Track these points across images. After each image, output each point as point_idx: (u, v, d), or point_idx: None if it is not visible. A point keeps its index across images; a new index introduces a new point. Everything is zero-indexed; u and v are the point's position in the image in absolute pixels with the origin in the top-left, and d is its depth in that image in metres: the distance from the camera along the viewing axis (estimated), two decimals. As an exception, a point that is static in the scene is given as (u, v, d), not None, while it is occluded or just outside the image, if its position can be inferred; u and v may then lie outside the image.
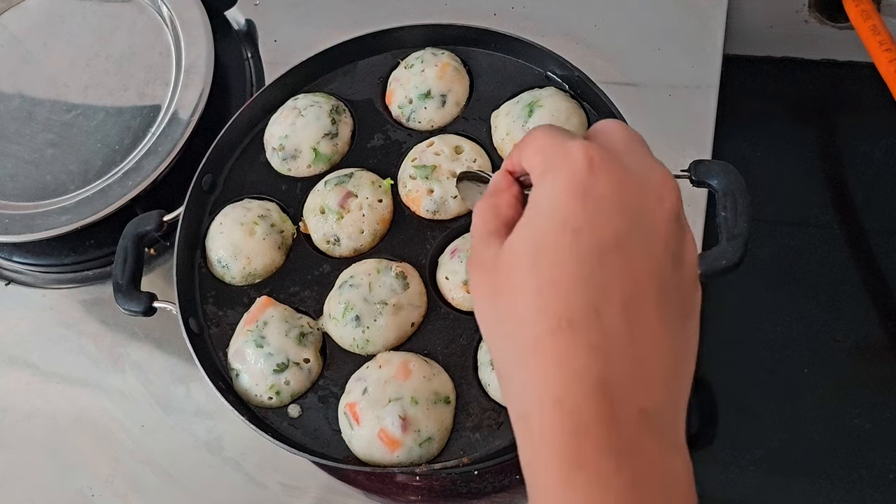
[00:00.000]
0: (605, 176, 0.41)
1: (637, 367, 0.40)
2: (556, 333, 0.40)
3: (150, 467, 0.78)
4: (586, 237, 0.41)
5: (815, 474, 0.72)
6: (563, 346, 0.40)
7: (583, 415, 0.39)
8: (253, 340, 0.69)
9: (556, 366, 0.40)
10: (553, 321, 0.40)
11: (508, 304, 0.42)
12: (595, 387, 0.39)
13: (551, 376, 0.40)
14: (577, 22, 0.88)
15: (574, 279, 0.40)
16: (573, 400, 0.39)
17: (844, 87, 0.88)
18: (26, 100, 0.95)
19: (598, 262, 0.40)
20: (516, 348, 0.42)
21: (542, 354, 0.40)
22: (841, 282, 0.79)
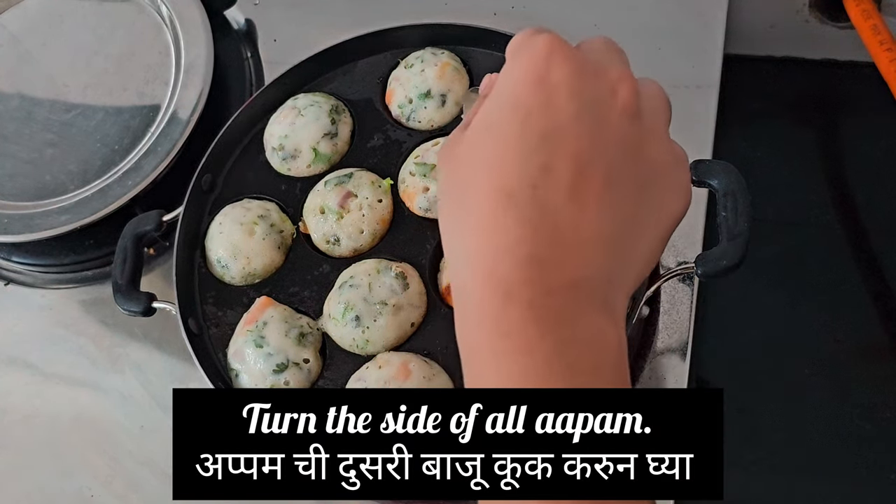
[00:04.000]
0: (561, 64, 0.43)
1: (571, 241, 0.42)
2: (495, 206, 0.42)
3: (150, 468, 0.78)
4: (535, 119, 0.42)
5: (815, 474, 0.72)
6: (500, 218, 0.42)
7: (512, 284, 0.41)
8: (252, 340, 0.69)
9: (492, 237, 0.42)
10: (492, 194, 0.42)
11: (459, 179, 0.44)
12: (526, 257, 0.41)
13: (486, 247, 0.42)
14: (577, 22, 0.88)
15: (517, 155, 0.42)
16: (504, 270, 0.41)
17: (844, 87, 0.88)
18: (25, 99, 0.95)
19: (543, 143, 0.42)
20: (459, 221, 0.44)
21: (480, 226, 0.42)
22: (841, 282, 0.79)
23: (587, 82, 0.43)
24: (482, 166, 0.43)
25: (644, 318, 0.73)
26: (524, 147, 0.42)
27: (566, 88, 0.43)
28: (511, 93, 0.43)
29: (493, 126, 0.43)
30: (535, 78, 0.43)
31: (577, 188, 0.42)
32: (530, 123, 0.42)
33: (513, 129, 0.43)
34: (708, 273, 0.65)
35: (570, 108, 0.42)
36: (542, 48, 0.43)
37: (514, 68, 0.44)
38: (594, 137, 0.43)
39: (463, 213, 0.44)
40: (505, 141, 0.43)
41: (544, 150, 0.42)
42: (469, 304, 0.43)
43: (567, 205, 0.42)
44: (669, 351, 0.72)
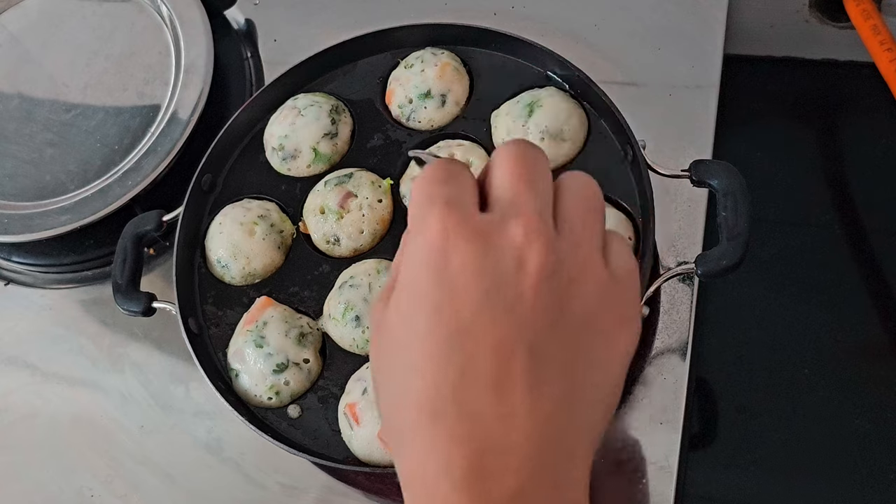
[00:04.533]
0: (460, 247, 0.39)
1: (507, 446, 0.38)
2: (422, 426, 0.39)
3: (150, 468, 0.78)
4: (446, 316, 0.39)
5: (815, 474, 0.72)
6: (430, 438, 0.39)
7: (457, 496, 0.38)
8: (252, 341, 0.69)
9: (426, 457, 0.39)
10: (416, 413, 0.39)
11: (387, 374, 0.42)
12: (462, 478, 0.38)
13: (423, 468, 0.39)
14: (577, 21, 0.88)
15: (434, 364, 0.39)
16: (444, 493, 0.38)
17: (844, 87, 0.88)
18: (25, 99, 0.95)
19: (457, 342, 0.38)
20: (396, 423, 0.41)
21: (414, 444, 0.39)
22: (841, 282, 0.78)
23: (489, 259, 0.39)
24: (403, 375, 0.40)
25: (644, 318, 0.73)
26: (440, 354, 0.38)
27: (468, 274, 0.38)
28: (415, 281, 0.40)
29: (407, 322, 0.40)
30: (434, 268, 0.39)
31: (502, 384, 0.38)
32: (440, 321, 0.38)
33: (426, 332, 0.39)
34: (708, 273, 0.65)
35: (477, 294, 0.38)
36: (437, 230, 0.39)
37: (414, 253, 0.40)
38: (508, 321, 0.38)
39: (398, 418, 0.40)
40: (421, 347, 0.39)
41: (459, 351, 0.38)
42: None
43: (495, 406, 0.38)
44: (669, 351, 0.72)
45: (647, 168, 0.68)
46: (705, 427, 0.74)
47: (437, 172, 0.42)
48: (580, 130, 0.73)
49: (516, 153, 0.41)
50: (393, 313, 0.41)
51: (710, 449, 0.74)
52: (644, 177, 0.68)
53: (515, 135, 0.72)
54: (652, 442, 0.69)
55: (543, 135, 0.72)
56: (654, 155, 0.70)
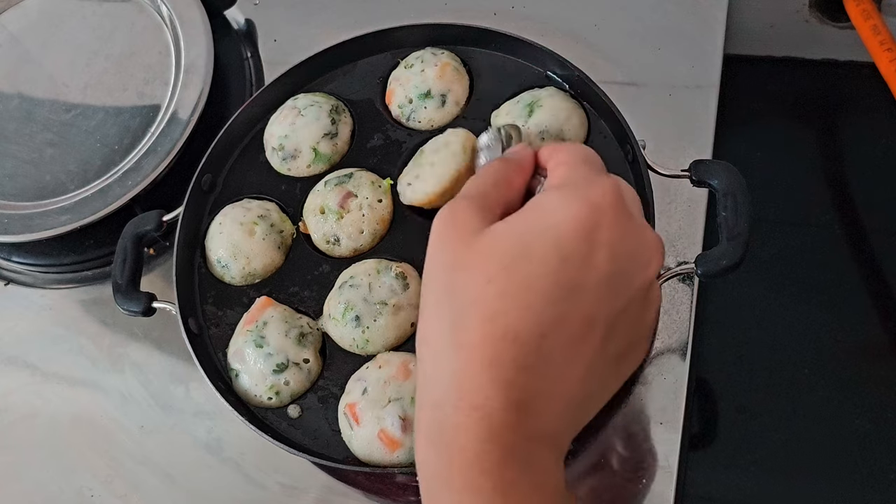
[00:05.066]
0: (614, 224, 0.43)
1: (556, 395, 0.42)
2: (497, 342, 0.41)
3: (150, 468, 0.78)
4: (570, 269, 0.42)
5: (815, 474, 0.72)
6: (500, 356, 0.41)
7: (496, 424, 0.41)
8: (252, 341, 0.69)
9: (485, 372, 0.41)
10: (501, 328, 0.41)
11: (467, 284, 0.43)
12: (515, 402, 0.41)
13: (478, 381, 0.41)
14: (577, 21, 0.88)
15: (540, 300, 0.41)
16: (492, 407, 0.41)
17: (844, 87, 0.88)
18: (25, 99, 0.95)
19: (567, 295, 0.41)
20: (454, 331, 0.42)
21: (478, 354, 0.41)
22: (841, 282, 0.78)
23: (628, 249, 0.43)
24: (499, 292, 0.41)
25: (644, 318, 0.73)
26: (549, 296, 0.41)
27: (608, 251, 0.42)
28: (557, 226, 0.42)
29: (527, 252, 0.42)
30: (585, 228, 0.42)
31: (577, 349, 0.42)
32: (563, 271, 0.41)
33: (546, 270, 0.41)
34: (708, 273, 0.65)
35: (605, 271, 0.42)
36: (602, 200, 0.43)
37: (569, 203, 0.43)
38: (612, 304, 0.43)
39: (462, 325, 0.42)
40: (534, 280, 0.41)
41: (565, 304, 0.41)
42: (447, 428, 0.42)
43: (564, 361, 0.42)
44: (669, 351, 0.72)
45: (647, 168, 0.68)
46: (705, 427, 0.74)
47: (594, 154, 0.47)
48: (580, 130, 0.73)
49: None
50: (507, 232, 0.43)
51: (710, 449, 0.74)
52: (644, 177, 0.68)
53: (515, 135, 0.72)
54: (652, 442, 0.69)
55: (543, 135, 0.72)
56: (654, 155, 0.70)
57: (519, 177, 0.47)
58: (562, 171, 0.45)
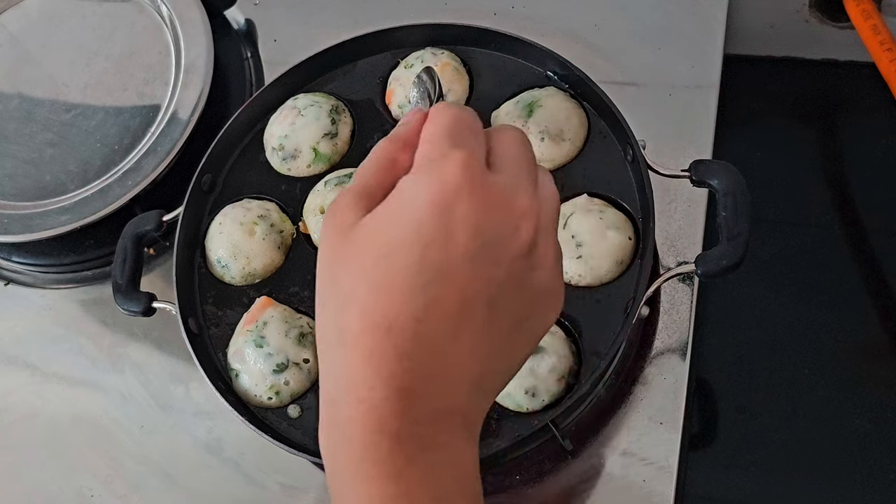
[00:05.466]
0: (471, 198, 0.42)
1: (444, 375, 0.42)
2: (374, 333, 0.42)
3: (150, 468, 0.78)
4: (434, 251, 0.42)
5: (815, 474, 0.72)
6: (378, 347, 0.42)
7: (383, 414, 0.41)
8: (252, 340, 0.69)
9: (367, 364, 0.42)
10: (374, 321, 0.42)
11: (345, 279, 0.43)
12: (399, 389, 0.41)
13: (361, 373, 0.42)
14: (577, 21, 0.88)
15: (407, 287, 0.42)
16: (377, 398, 0.41)
17: (844, 87, 0.88)
18: (25, 99, 0.95)
19: (435, 277, 0.42)
20: (338, 328, 0.43)
21: (358, 348, 0.42)
22: (841, 282, 0.78)
23: (490, 221, 0.43)
24: (369, 287, 0.42)
25: (644, 318, 0.73)
26: (416, 281, 0.42)
27: (469, 226, 0.42)
28: (414, 211, 0.42)
29: (391, 243, 0.42)
30: (440, 207, 0.42)
31: (459, 326, 0.42)
32: (427, 256, 0.42)
33: (408, 258, 0.42)
34: (708, 273, 0.65)
35: (469, 247, 0.42)
36: (452, 178, 0.42)
37: (424, 185, 0.43)
38: (485, 277, 0.43)
39: (343, 322, 0.43)
40: (399, 270, 0.42)
41: (434, 286, 0.42)
42: (337, 419, 0.43)
43: (446, 341, 0.42)
44: (669, 351, 0.72)
45: (647, 168, 0.68)
46: (705, 427, 0.74)
47: (463, 117, 0.46)
48: (580, 130, 0.73)
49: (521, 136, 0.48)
50: (374, 224, 0.43)
51: (710, 449, 0.74)
52: (644, 177, 0.68)
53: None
54: (652, 442, 0.69)
55: (543, 135, 0.72)
56: (654, 155, 0.70)
57: (404, 154, 0.46)
58: (423, 149, 0.45)
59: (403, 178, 0.44)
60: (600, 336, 0.66)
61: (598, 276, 0.68)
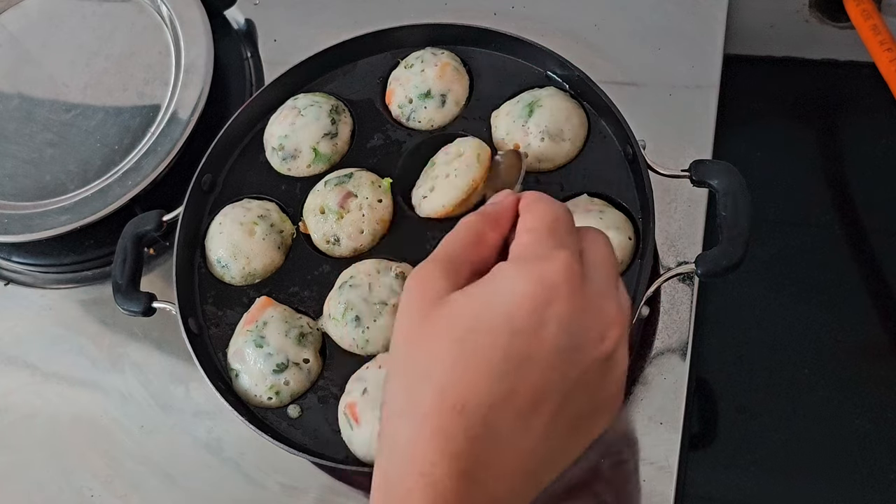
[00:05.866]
0: (566, 300, 0.43)
1: (505, 466, 0.43)
2: (447, 412, 0.42)
3: (150, 468, 0.78)
4: (519, 343, 0.43)
5: (815, 474, 0.72)
6: (448, 426, 0.42)
7: (444, 491, 0.42)
8: (252, 341, 0.69)
9: (434, 440, 0.42)
10: (450, 400, 0.42)
11: (423, 355, 0.44)
12: (460, 471, 0.42)
13: (427, 448, 0.42)
14: (577, 21, 0.88)
15: (487, 373, 0.42)
16: (439, 474, 0.42)
17: (844, 87, 0.88)
18: (25, 99, 0.95)
19: (516, 369, 0.43)
20: (409, 399, 0.44)
21: (428, 424, 0.43)
22: (841, 282, 0.78)
23: (581, 323, 0.44)
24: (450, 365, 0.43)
25: (644, 318, 0.73)
26: (497, 368, 0.42)
27: (559, 326, 0.43)
28: (509, 301, 0.43)
29: (478, 327, 0.43)
30: (536, 304, 0.43)
31: (528, 420, 0.43)
32: (513, 345, 0.42)
33: (495, 344, 0.43)
34: (708, 273, 0.65)
35: (555, 344, 0.43)
36: (554, 277, 0.43)
37: (520, 283, 0.43)
38: (563, 376, 0.43)
39: (416, 396, 0.43)
40: (483, 354, 0.43)
41: (514, 377, 0.42)
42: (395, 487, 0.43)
43: (514, 431, 0.43)
44: (669, 351, 0.72)
45: (647, 168, 0.68)
46: (705, 427, 0.74)
47: (565, 217, 0.47)
48: (580, 130, 0.73)
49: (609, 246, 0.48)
50: (465, 302, 0.44)
51: (710, 449, 0.74)
52: (644, 177, 0.68)
53: (515, 135, 0.72)
54: (652, 442, 0.69)
55: (543, 135, 0.72)
56: (654, 155, 0.70)
57: (494, 232, 0.47)
58: (525, 239, 0.46)
59: (501, 264, 0.45)
60: (600, 336, 0.65)
61: (598, 276, 0.67)
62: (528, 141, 0.72)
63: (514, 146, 0.72)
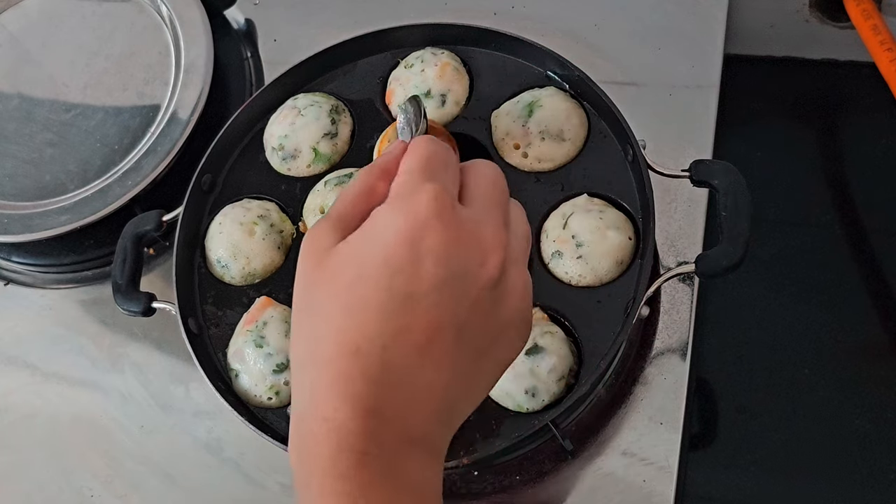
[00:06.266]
0: (439, 231, 0.44)
1: (410, 400, 0.44)
2: (343, 356, 0.43)
3: (150, 468, 0.78)
4: (401, 280, 0.43)
5: (815, 474, 0.72)
6: (346, 369, 0.43)
7: (348, 433, 0.43)
8: (252, 341, 0.69)
9: (334, 385, 0.43)
10: (344, 345, 0.43)
11: (319, 303, 0.45)
12: (364, 410, 0.43)
13: (329, 393, 0.43)
14: (577, 21, 0.88)
15: (376, 313, 0.43)
16: (343, 417, 0.43)
17: (844, 87, 0.88)
18: (25, 99, 0.95)
19: (402, 305, 0.43)
20: (311, 349, 0.45)
21: (327, 370, 0.44)
22: (841, 282, 0.78)
23: (458, 253, 0.44)
24: (342, 310, 0.44)
25: (644, 318, 0.73)
26: (384, 308, 0.43)
27: (436, 257, 0.44)
28: (385, 243, 0.44)
29: (362, 271, 0.44)
30: (409, 239, 0.44)
31: (425, 352, 0.44)
32: (395, 284, 0.43)
33: (377, 285, 0.43)
34: (708, 273, 0.65)
35: (436, 276, 0.44)
36: (424, 210, 0.44)
37: (393, 220, 0.44)
38: (452, 307, 0.44)
39: (316, 343, 0.44)
40: (369, 296, 0.44)
41: (402, 314, 0.43)
42: (307, 438, 0.44)
43: (412, 366, 0.44)
44: (669, 351, 0.72)
45: (647, 168, 0.68)
46: (705, 427, 0.74)
47: (439, 153, 0.48)
48: (580, 130, 0.73)
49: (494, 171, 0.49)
50: (347, 250, 0.45)
51: (710, 449, 0.74)
52: (644, 177, 0.68)
53: (515, 135, 0.72)
54: (652, 442, 0.70)
55: (543, 135, 0.72)
56: (654, 155, 0.70)
57: (383, 181, 0.48)
58: (398, 180, 0.47)
59: (378, 207, 0.46)
60: (600, 336, 0.65)
61: (599, 277, 0.68)
62: (529, 141, 0.72)
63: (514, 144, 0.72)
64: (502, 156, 0.73)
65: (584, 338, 0.66)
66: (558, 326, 0.66)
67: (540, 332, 0.65)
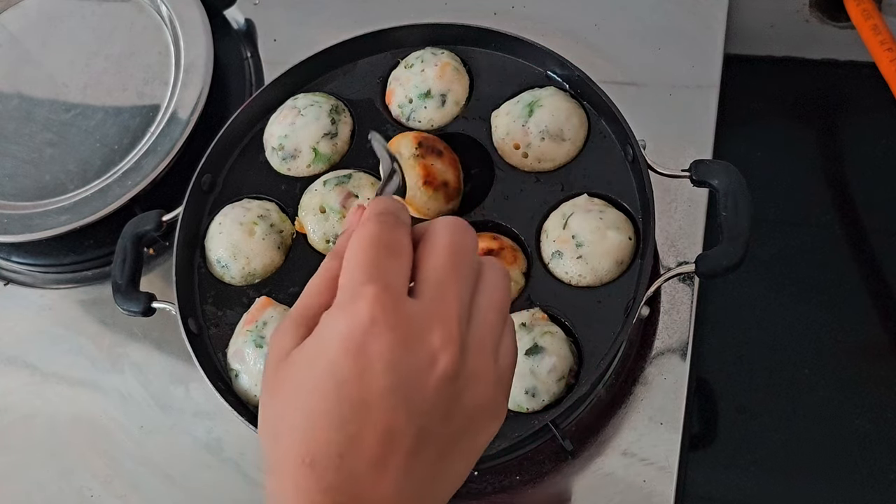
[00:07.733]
0: (382, 336, 0.42)
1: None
2: (300, 467, 0.42)
3: (149, 468, 0.78)
4: (349, 390, 0.42)
5: (815, 474, 0.72)
6: (303, 480, 0.42)
7: None
8: (252, 341, 0.69)
9: (295, 496, 0.43)
10: (299, 457, 0.43)
11: (273, 412, 0.45)
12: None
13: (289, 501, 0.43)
14: (577, 21, 0.88)
15: (325, 425, 0.42)
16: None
17: (844, 87, 0.88)
18: (25, 99, 0.95)
19: (352, 414, 0.42)
20: (271, 459, 0.44)
21: (287, 479, 0.43)
22: (841, 282, 0.79)
23: (404, 356, 0.42)
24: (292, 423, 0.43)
25: (644, 318, 0.73)
26: (335, 419, 0.42)
27: (383, 364, 0.42)
28: (328, 353, 0.43)
29: (309, 383, 0.43)
30: (353, 347, 0.42)
31: (383, 459, 0.42)
32: (342, 394, 0.42)
33: (327, 397, 0.42)
34: (708, 273, 0.65)
35: (385, 382, 0.42)
36: (366, 315, 0.42)
37: (336, 327, 0.43)
38: (406, 409, 0.42)
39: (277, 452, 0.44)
40: (318, 407, 0.42)
41: (354, 422, 0.42)
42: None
43: (370, 474, 0.42)
44: (669, 351, 0.72)
45: (647, 168, 0.68)
46: (705, 427, 0.74)
47: (382, 237, 0.44)
48: (580, 130, 0.73)
49: (452, 242, 0.45)
50: (298, 360, 0.44)
51: (710, 449, 0.74)
52: (644, 177, 0.68)
53: (515, 135, 0.72)
54: (652, 442, 0.70)
55: (543, 135, 0.72)
56: (654, 155, 0.70)
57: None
58: (342, 280, 0.45)
59: (325, 312, 0.44)
60: (600, 336, 0.65)
61: (599, 276, 0.68)
62: (529, 141, 0.72)
63: (514, 144, 0.72)
64: (502, 156, 0.73)
65: (584, 338, 0.66)
66: (558, 326, 0.66)
67: (540, 332, 0.65)
